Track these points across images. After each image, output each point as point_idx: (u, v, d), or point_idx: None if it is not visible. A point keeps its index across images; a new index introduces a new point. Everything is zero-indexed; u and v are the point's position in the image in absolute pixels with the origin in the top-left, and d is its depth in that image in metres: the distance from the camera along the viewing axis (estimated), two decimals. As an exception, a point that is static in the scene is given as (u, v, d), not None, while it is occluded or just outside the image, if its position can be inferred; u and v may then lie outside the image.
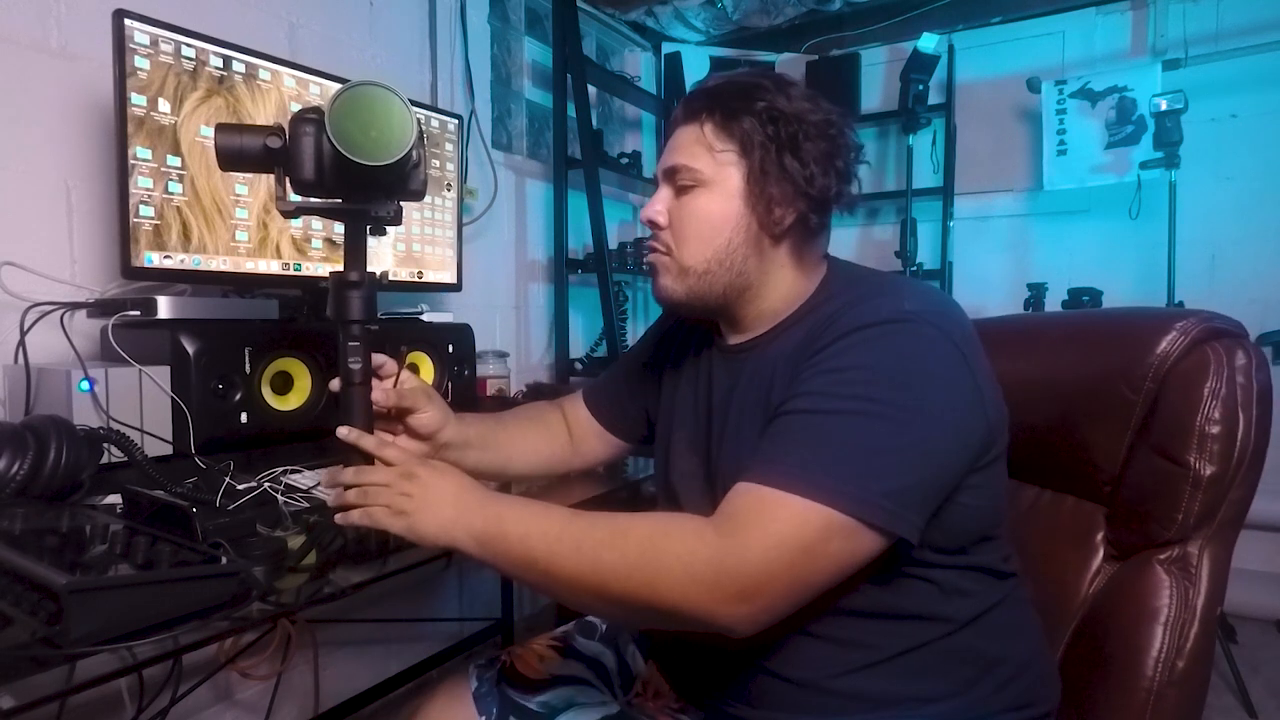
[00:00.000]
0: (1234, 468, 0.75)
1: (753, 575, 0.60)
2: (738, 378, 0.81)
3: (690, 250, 0.79)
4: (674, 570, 0.62)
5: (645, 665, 0.97)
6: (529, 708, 0.85)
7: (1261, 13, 2.35)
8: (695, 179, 0.78)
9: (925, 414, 0.65)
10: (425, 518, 0.71)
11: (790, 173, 0.74)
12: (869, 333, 0.68)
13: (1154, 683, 0.74)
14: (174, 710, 1.24)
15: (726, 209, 0.77)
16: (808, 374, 0.69)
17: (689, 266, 0.79)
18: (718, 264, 0.78)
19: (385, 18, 1.86)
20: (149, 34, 1.10)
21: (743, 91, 0.76)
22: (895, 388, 0.65)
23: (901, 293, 0.72)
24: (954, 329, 0.69)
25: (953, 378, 0.67)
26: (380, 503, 0.72)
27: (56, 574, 0.56)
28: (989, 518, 0.75)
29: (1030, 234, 2.74)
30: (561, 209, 2.34)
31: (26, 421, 0.85)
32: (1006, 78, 2.69)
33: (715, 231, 0.77)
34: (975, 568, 0.74)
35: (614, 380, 1.04)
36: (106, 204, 1.29)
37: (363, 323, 0.77)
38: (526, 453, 0.99)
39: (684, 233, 0.79)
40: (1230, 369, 0.75)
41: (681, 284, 0.80)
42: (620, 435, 1.03)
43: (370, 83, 0.68)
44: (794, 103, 0.76)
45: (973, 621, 0.73)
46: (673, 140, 0.81)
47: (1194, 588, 0.76)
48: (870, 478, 0.62)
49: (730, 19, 2.81)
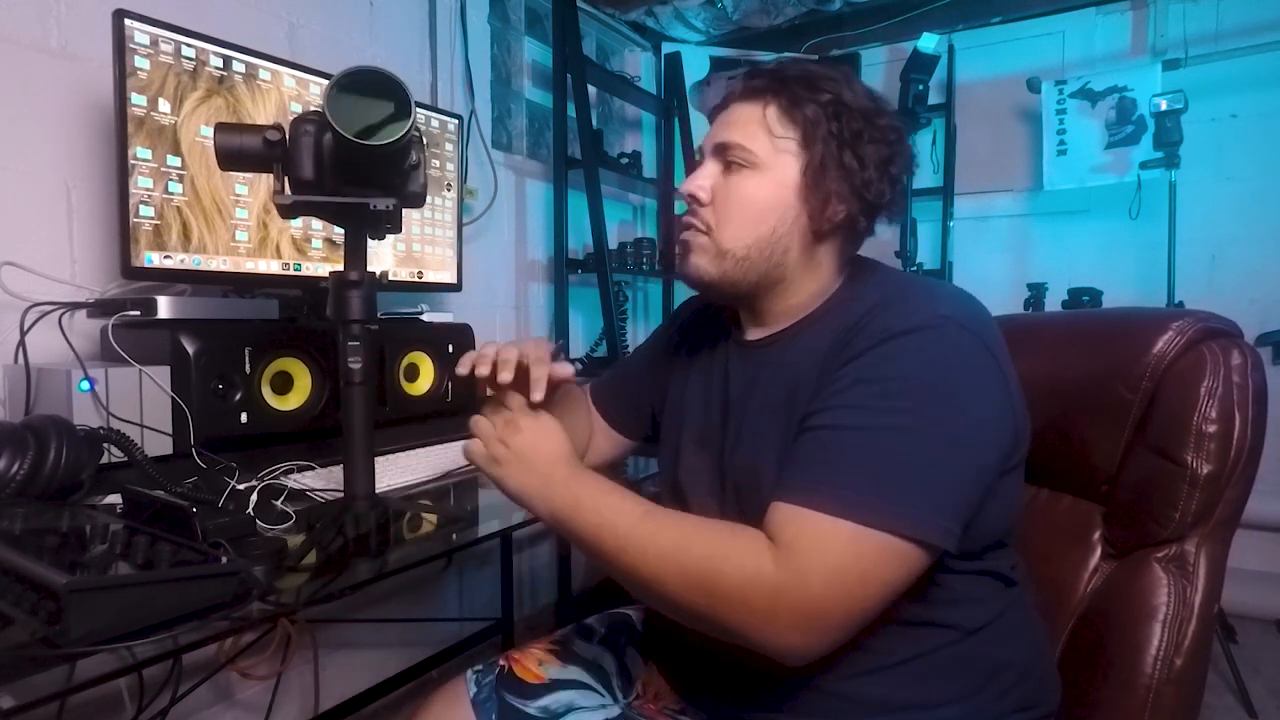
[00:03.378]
0: (1231, 466, 0.75)
1: (812, 608, 0.59)
2: (757, 374, 0.79)
3: (731, 233, 0.76)
4: (732, 597, 0.61)
5: (645, 667, 0.96)
6: (528, 713, 0.85)
7: (1261, 13, 2.35)
8: (748, 159, 0.75)
9: (967, 424, 0.64)
10: (512, 473, 0.74)
11: (848, 171, 0.72)
12: (906, 340, 0.65)
13: (1153, 680, 0.74)
14: (174, 710, 1.24)
15: (776, 197, 0.74)
16: (843, 383, 0.66)
17: (727, 249, 0.76)
18: (757, 252, 0.75)
19: (385, 18, 1.86)
20: (149, 34, 1.10)
21: (810, 80, 0.74)
22: (937, 399, 0.63)
23: (934, 295, 0.70)
24: (986, 332, 0.68)
25: (987, 383, 0.66)
26: (484, 445, 0.76)
27: (56, 574, 0.56)
28: (1005, 523, 0.74)
29: (1030, 234, 2.74)
30: (561, 209, 2.34)
31: (26, 421, 0.85)
32: (1006, 78, 2.69)
33: (761, 218, 0.75)
34: (986, 573, 0.73)
35: (620, 377, 1.04)
36: (106, 204, 1.29)
37: (363, 322, 0.77)
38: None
39: (727, 213, 0.76)
40: (1226, 369, 0.76)
41: (715, 266, 0.77)
42: (625, 433, 1.02)
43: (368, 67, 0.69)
44: (859, 100, 0.74)
45: (981, 629, 0.72)
46: (728, 115, 0.78)
47: (1191, 586, 0.76)
48: (923, 497, 0.61)
49: (730, 19, 2.81)
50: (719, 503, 0.79)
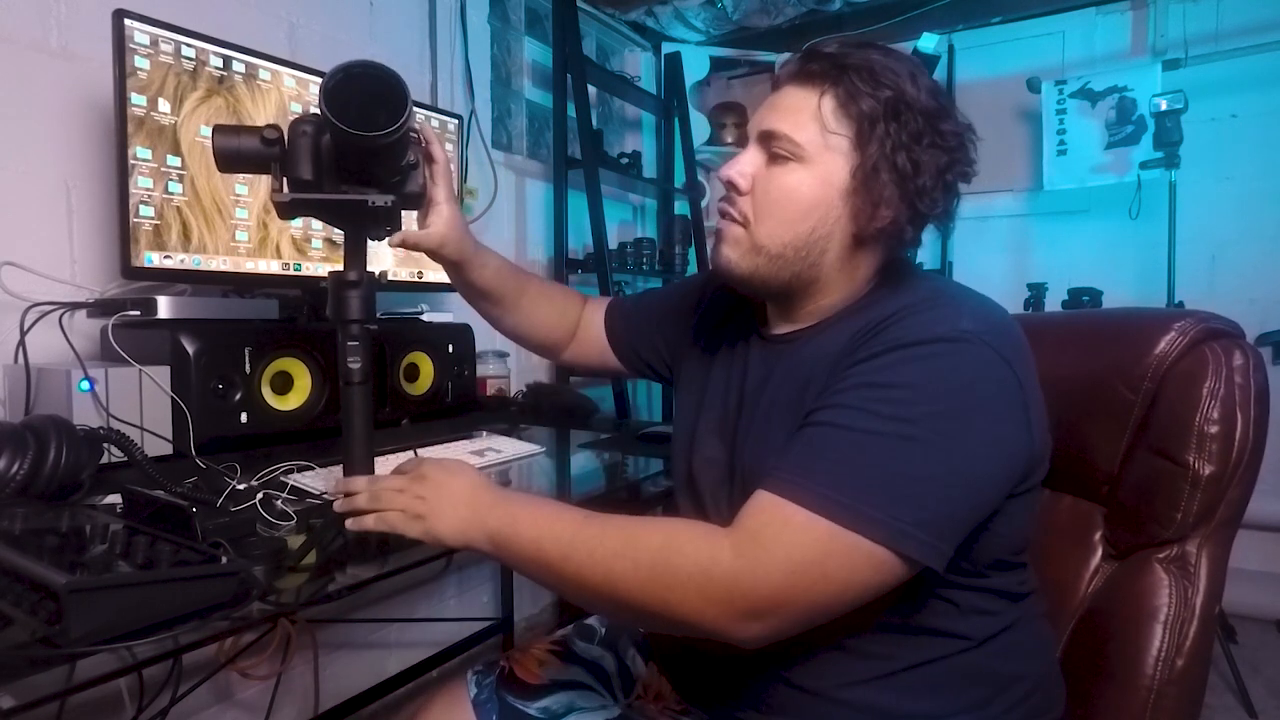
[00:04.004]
0: (1232, 467, 0.75)
1: (769, 596, 0.58)
2: (773, 369, 0.77)
3: (769, 228, 0.72)
4: (687, 586, 0.59)
5: (646, 668, 0.96)
6: (529, 714, 0.85)
7: (1261, 13, 2.35)
8: (794, 152, 0.70)
9: (969, 442, 0.61)
10: (441, 520, 0.69)
11: (901, 176, 0.68)
12: (919, 350, 0.63)
13: (1154, 681, 0.74)
14: (174, 710, 1.24)
15: (820, 195, 0.70)
16: (847, 383, 0.64)
17: (763, 246, 0.72)
18: (793, 250, 0.71)
19: (385, 18, 1.86)
20: (149, 34, 1.10)
21: (871, 71, 0.68)
22: (940, 413, 0.61)
23: (960, 307, 0.67)
24: (1011, 350, 0.65)
25: (1003, 404, 0.63)
26: (395, 507, 0.71)
27: (56, 574, 0.56)
28: (1015, 543, 0.72)
29: (1030, 234, 2.74)
30: (561, 209, 2.34)
31: (26, 421, 0.85)
32: (1006, 78, 2.69)
33: (802, 216, 0.70)
34: (992, 590, 0.72)
35: (642, 309, 1.02)
36: (106, 204, 1.29)
37: (362, 322, 0.77)
38: (530, 317, 1.00)
39: (766, 207, 0.72)
40: (1228, 369, 0.76)
41: (748, 261, 0.73)
42: (620, 358, 1.02)
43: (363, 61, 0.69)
44: (922, 98, 0.68)
45: (989, 640, 0.71)
46: (778, 99, 0.72)
47: (1193, 586, 0.76)
48: (904, 506, 0.59)
49: (730, 19, 2.81)
50: (729, 494, 0.78)
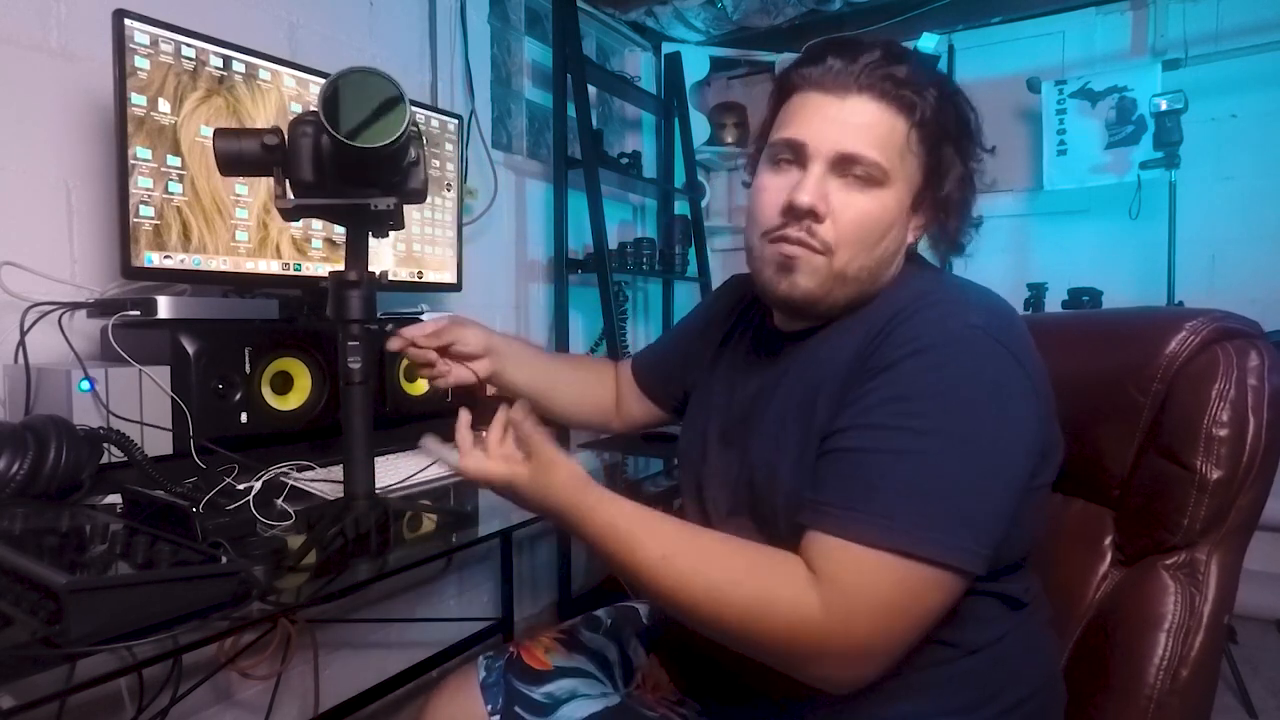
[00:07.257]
0: (1243, 472, 0.72)
1: (859, 646, 0.59)
2: (787, 368, 0.76)
3: (851, 254, 0.68)
4: (779, 638, 0.60)
5: (647, 659, 0.97)
6: (533, 698, 0.86)
7: (1261, 13, 2.35)
8: (877, 176, 0.67)
9: (999, 443, 0.61)
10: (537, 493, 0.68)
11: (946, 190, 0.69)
12: (935, 356, 0.62)
13: (1155, 691, 0.72)
14: (174, 710, 1.24)
15: (893, 216, 0.69)
16: (873, 399, 0.63)
17: (844, 273, 0.69)
18: (867, 273, 0.69)
19: (385, 18, 1.86)
20: (149, 34, 1.10)
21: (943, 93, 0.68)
22: (970, 418, 0.61)
23: (966, 303, 0.67)
24: (1017, 345, 0.65)
25: (1017, 399, 0.63)
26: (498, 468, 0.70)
27: (56, 574, 0.56)
28: (1024, 545, 0.72)
29: (1030, 234, 2.74)
30: (561, 209, 2.34)
31: (26, 421, 0.85)
32: (1006, 78, 2.68)
33: (879, 239, 0.69)
34: (993, 594, 0.71)
35: (662, 347, 1.05)
36: (106, 204, 1.29)
37: (362, 322, 0.77)
38: (576, 403, 1.03)
39: (848, 234, 0.68)
40: (1241, 370, 0.73)
41: (824, 288, 0.70)
42: (659, 403, 1.04)
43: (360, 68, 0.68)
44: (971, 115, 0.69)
45: (981, 649, 0.71)
46: (852, 114, 0.67)
47: (1201, 595, 0.73)
48: (963, 524, 0.59)
49: (730, 19, 2.80)
50: (733, 495, 0.78)
